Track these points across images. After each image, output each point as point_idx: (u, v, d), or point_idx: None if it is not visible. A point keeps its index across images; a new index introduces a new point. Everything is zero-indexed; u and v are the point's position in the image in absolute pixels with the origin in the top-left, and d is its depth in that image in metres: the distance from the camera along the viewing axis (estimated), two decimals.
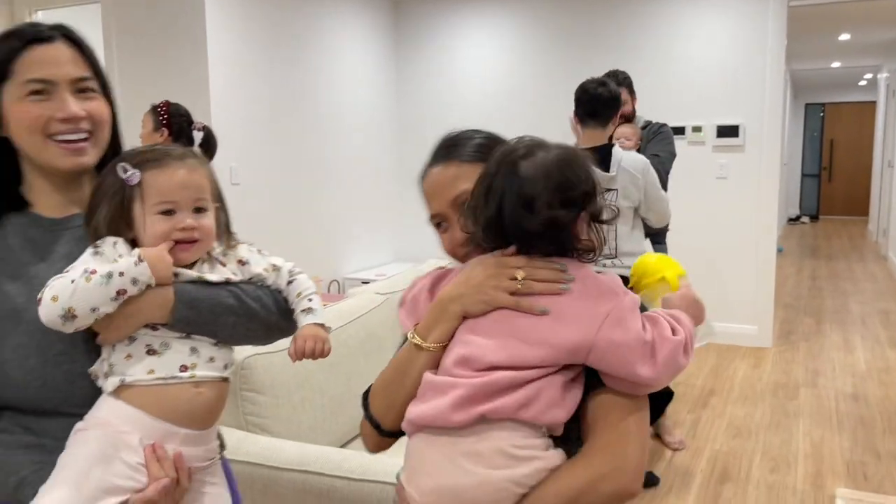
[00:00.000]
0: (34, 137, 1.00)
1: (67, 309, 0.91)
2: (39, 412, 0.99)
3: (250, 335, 1.07)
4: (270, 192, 4.77)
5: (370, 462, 1.68)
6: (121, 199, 0.99)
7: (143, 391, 0.96)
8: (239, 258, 1.09)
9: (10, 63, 0.99)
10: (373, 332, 2.49)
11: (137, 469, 0.95)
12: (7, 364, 0.97)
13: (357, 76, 5.62)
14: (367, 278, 5.40)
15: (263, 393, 1.95)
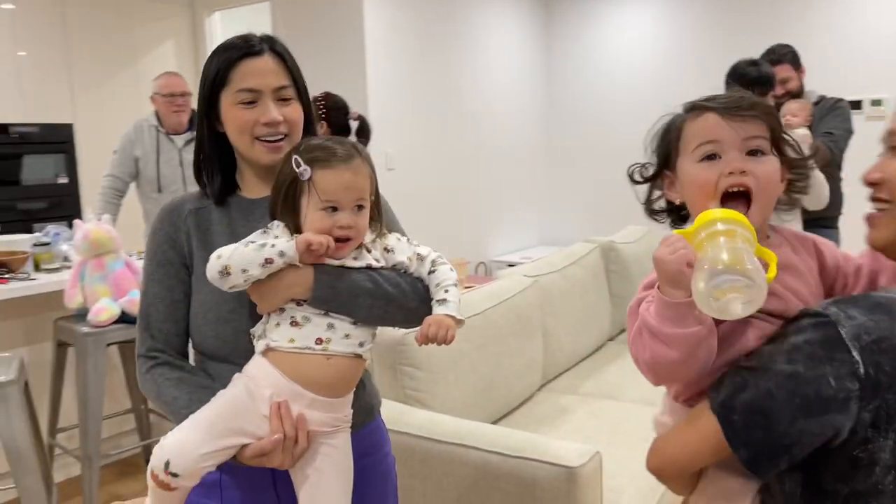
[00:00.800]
0: (244, 137, 1.18)
1: (225, 266, 1.07)
2: (215, 358, 1.19)
3: (387, 318, 1.16)
4: (423, 177, 4.93)
5: (523, 440, 1.73)
6: (293, 189, 1.11)
7: (283, 356, 1.10)
8: (385, 246, 1.19)
9: (228, 72, 1.17)
10: (521, 314, 2.53)
11: (264, 419, 1.08)
12: (196, 315, 1.19)
13: (508, 62, 5.64)
14: (513, 261, 5.44)
15: (421, 368, 2.05)
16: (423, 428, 1.84)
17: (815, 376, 0.71)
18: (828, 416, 0.71)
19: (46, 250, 2.81)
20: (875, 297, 0.75)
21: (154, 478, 1.07)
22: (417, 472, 1.84)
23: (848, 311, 0.72)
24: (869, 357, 0.69)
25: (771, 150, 0.96)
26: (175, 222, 1.22)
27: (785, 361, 0.73)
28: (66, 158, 4.98)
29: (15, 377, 2.01)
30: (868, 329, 0.70)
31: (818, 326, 0.72)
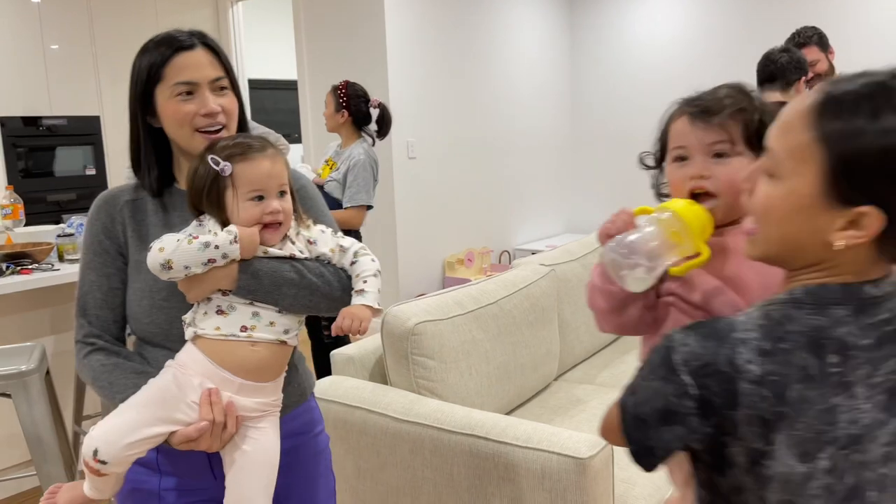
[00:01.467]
0: (183, 130, 1.20)
1: (167, 260, 1.11)
2: (151, 343, 1.23)
3: (312, 306, 1.21)
4: (445, 166, 4.91)
5: (534, 430, 1.71)
6: (215, 187, 1.16)
7: (211, 342, 1.15)
8: (308, 238, 1.23)
9: (163, 68, 1.19)
10: (536, 303, 2.50)
11: (191, 407, 1.12)
12: (131, 302, 1.23)
13: (531, 50, 5.58)
14: (537, 249, 5.41)
15: (433, 358, 2.04)
16: (434, 418, 1.83)
17: (663, 393, 0.83)
18: (675, 427, 0.83)
19: (70, 241, 2.86)
20: (719, 323, 0.84)
21: (86, 465, 1.13)
22: (429, 462, 1.83)
23: (686, 339, 0.83)
24: (699, 380, 0.80)
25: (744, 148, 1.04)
26: (111, 213, 1.25)
27: (650, 376, 0.86)
28: (94, 150, 5.07)
29: (36, 366, 2.05)
30: (697, 355, 0.81)
31: (662, 349, 0.84)
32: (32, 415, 2.02)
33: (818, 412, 0.79)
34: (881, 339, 0.81)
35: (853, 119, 0.77)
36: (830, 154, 0.78)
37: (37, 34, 4.76)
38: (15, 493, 2.86)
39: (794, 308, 0.81)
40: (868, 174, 0.77)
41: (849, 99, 0.79)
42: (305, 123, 4.90)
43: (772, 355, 0.79)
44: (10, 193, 3.23)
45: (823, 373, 0.79)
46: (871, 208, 0.77)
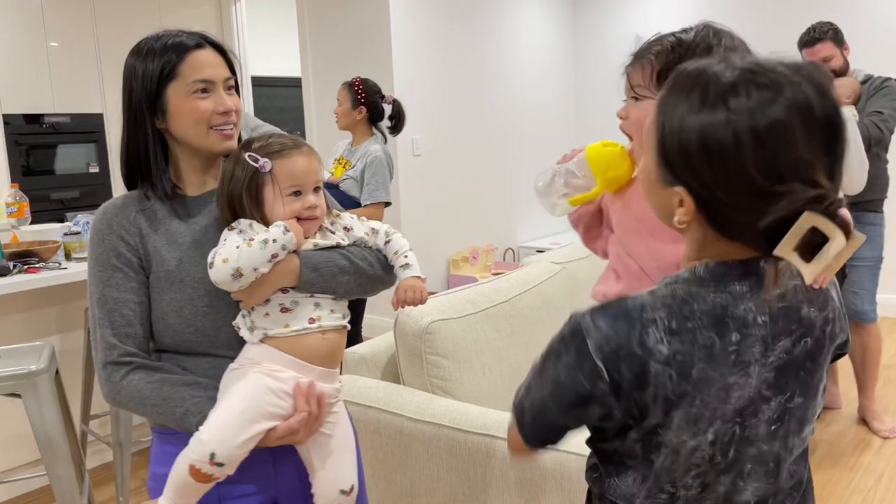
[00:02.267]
0: (200, 128, 1.19)
1: (236, 269, 1.11)
2: (192, 353, 1.20)
3: (360, 289, 1.26)
4: (449, 163, 4.89)
5: None
6: (254, 184, 1.17)
7: (282, 340, 1.17)
8: (344, 226, 1.28)
9: (178, 66, 1.18)
10: (549, 301, 2.49)
11: (285, 400, 1.15)
12: (166, 315, 1.18)
13: (536, 46, 5.56)
14: (542, 247, 5.39)
15: (446, 357, 2.02)
16: (450, 418, 1.81)
17: (572, 382, 0.83)
18: (589, 407, 0.84)
19: (77, 239, 2.84)
20: (627, 303, 0.83)
21: (196, 472, 1.10)
22: (444, 463, 1.82)
23: (596, 322, 0.82)
24: (611, 364, 0.80)
25: (656, 90, 1.12)
26: (125, 224, 1.21)
27: (552, 367, 0.85)
28: (97, 148, 5.05)
29: (46, 365, 2.03)
30: (608, 339, 0.81)
31: (574, 335, 0.83)
32: (42, 415, 2.00)
33: (716, 390, 0.81)
34: (774, 317, 0.83)
35: (670, 102, 0.81)
36: (657, 135, 0.82)
37: (39, 31, 4.73)
38: (23, 492, 2.85)
39: (698, 286, 0.82)
40: (674, 156, 0.80)
41: (676, 83, 0.82)
42: (310, 121, 4.87)
43: (678, 334, 0.80)
44: (15, 192, 3.21)
45: (725, 351, 0.81)
46: (681, 188, 0.80)
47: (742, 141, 0.75)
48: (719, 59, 0.80)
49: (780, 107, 0.74)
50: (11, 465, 2.81)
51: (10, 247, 2.75)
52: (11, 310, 2.76)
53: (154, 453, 1.25)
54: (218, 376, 1.19)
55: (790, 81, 0.75)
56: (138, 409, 1.17)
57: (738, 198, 0.77)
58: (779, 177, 0.74)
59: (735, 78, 0.76)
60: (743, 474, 0.85)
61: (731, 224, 0.79)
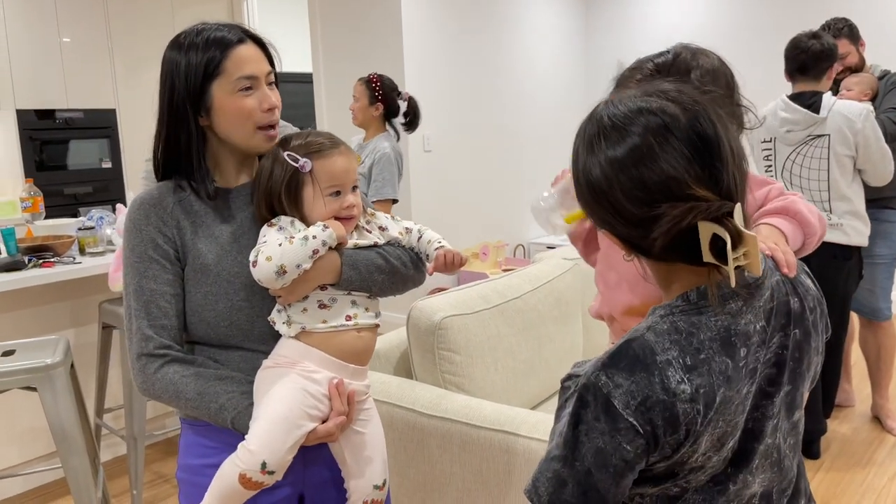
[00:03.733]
0: (245, 127, 1.18)
1: (280, 266, 1.12)
2: (225, 346, 1.21)
3: (393, 288, 1.28)
4: (460, 159, 4.89)
5: None
6: (293, 183, 1.18)
7: (319, 336, 1.18)
8: (380, 225, 1.30)
9: (222, 63, 1.16)
10: (561, 297, 2.48)
11: (321, 400, 1.17)
12: (200, 308, 1.18)
13: (547, 43, 5.54)
14: (552, 243, 5.38)
15: (459, 353, 2.02)
16: (463, 413, 1.81)
17: (613, 447, 0.80)
18: (635, 468, 0.81)
19: (91, 234, 2.86)
20: (634, 349, 0.81)
21: (246, 482, 1.11)
22: (457, 459, 1.82)
23: (613, 379, 0.79)
24: (642, 417, 0.79)
25: None
26: (162, 216, 1.19)
27: (586, 439, 0.81)
28: (110, 143, 5.07)
29: (61, 359, 2.05)
30: (632, 393, 0.79)
31: (597, 399, 0.80)
32: (58, 408, 2.02)
33: (735, 406, 0.82)
34: (767, 318, 0.86)
35: (575, 149, 0.88)
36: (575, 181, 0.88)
37: (52, 27, 4.76)
38: (38, 485, 2.88)
39: (697, 314, 0.83)
40: (584, 200, 0.86)
41: (578, 132, 0.89)
42: (321, 116, 4.88)
43: (696, 369, 0.80)
44: (29, 186, 3.23)
45: (738, 369, 0.82)
46: (604, 230, 0.86)
47: (609, 176, 0.80)
48: (607, 100, 0.85)
49: (634, 135, 0.80)
50: (26, 457, 2.84)
51: (25, 241, 2.77)
52: (27, 304, 2.78)
53: (184, 444, 1.26)
54: (249, 370, 1.19)
55: (648, 108, 0.80)
56: (172, 402, 1.18)
57: (631, 228, 0.81)
58: (650, 201, 0.78)
59: (604, 117, 0.83)
60: (752, 469, 0.87)
61: (651, 250, 0.82)
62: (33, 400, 2.78)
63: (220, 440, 1.20)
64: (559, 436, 0.83)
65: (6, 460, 2.77)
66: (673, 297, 0.85)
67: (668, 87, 0.83)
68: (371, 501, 1.28)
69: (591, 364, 0.83)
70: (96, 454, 2.42)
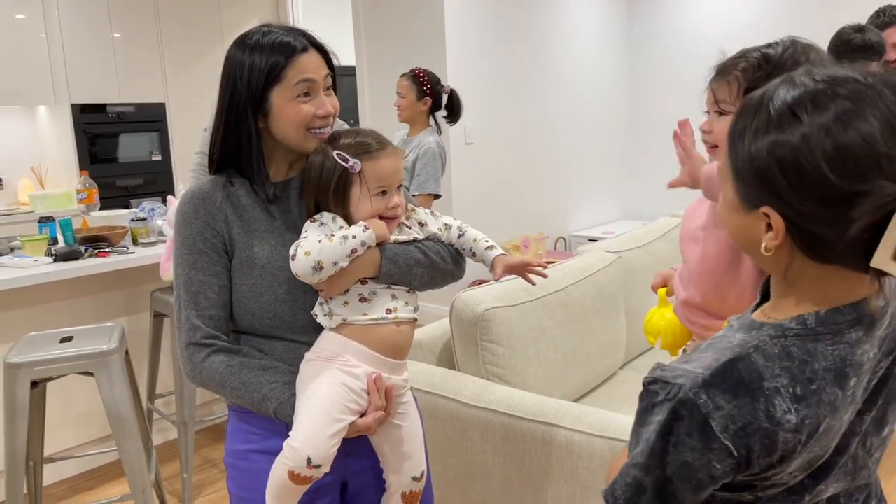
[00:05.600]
0: (300, 131, 1.23)
1: (317, 262, 1.15)
2: (269, 336, 1.24)
3: (432, 282, 1.31)
4: (501, 151, 4.88)
5: (610, 419, 1.70)
6: (342, 182, 1.20)
7: (359, 328, 1.21)
8: (419, 221, 1.32)
9: (284, 70, 1.20)
10: (604, 290, 2.48)
11: (360, 395, 1.20)
12: (246, 299, 1.23)
13: (588, 33, 5.49)
14: (594, 236, 5.35)
15: (501, 344, 2.04)
16: (506, 404, 1.83)
17: (702, 464, 0.78)
18: (719, 483, 0.80)
19: (143, 225, 2.94)
20: (740, 370, 0.77)
21: (296, 478, 1.15)
22: (500, 449, 1.83)
23: (715, 400, 0.76)
24: (740, 442, 0.76)
25: None
26: (211, 210, 1.23)
27: (674, 452, 0.79)
28: (160, 136, 5.20)
29: (117, 346, 2.12)
30: (733, 418, 0.76)
31: (693, 417, 0.77)
32: (114, 393, 2.10)
33: (834, 433, 0.80)
34: (879, 345, 0.82)
35: (738, 128, 0.80)
36: (731, 162, 0.80)
37: (105, 23, 4.89)
38: (92, 467, 2.98)
39: (814, 341, 0.78)
40: (750, 178, 0.78)
41: (742, 110, 0.80)
42: (363, 109, 4.92)
43: (804, 399, 0.77)
44: (84, 178, 3.34)
45: (845, 398, 0.79)
46: (766, 208, 0.77)
47: (811, 144, 0.73)
48: (782, 79, 0.79)
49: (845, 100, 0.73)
50: (81, 440, 2.94)
51: (81, 232, 2.86)
52: (83, 292, 2.88)
53: (230, 430, 1.31)
54: (293, 360, 1.23)
55: (855, 78, 0.74)
56: (218, 390, 1.22)
57: (822, 207, 0.73)
58: (860, 175, 0.71)
59: (801, 93, 0.76)
60: (830, 480, 0.85)
61: (819, 242, 0.76)
62: (88, 385, 2.88)
63: (264, 427, 1.24)
64: (644, 443, 0.80)
65: (62, 443, 2.88)
66: (780, 310, 0.82)
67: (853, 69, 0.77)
68: (409, 493, 1.31)
69: (685, 375, 0.78)
70: (149, 438, 2.50)
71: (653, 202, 5.95)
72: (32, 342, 2.17)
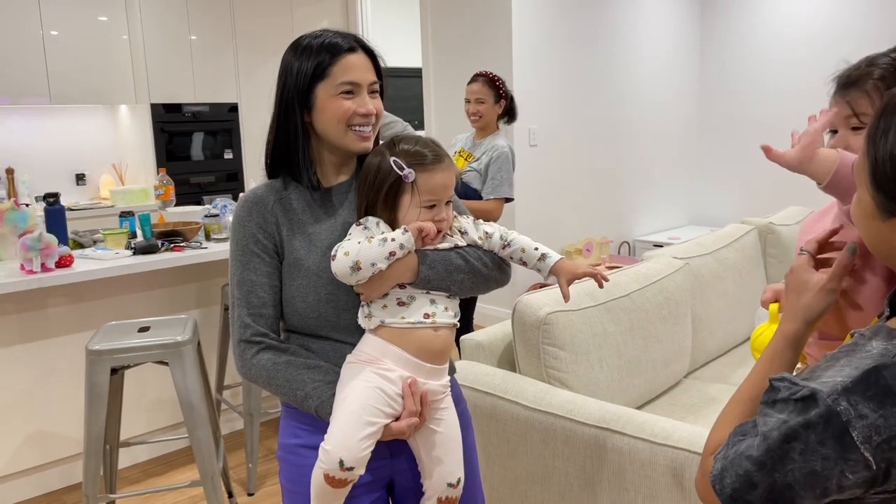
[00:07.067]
0: (340, 126, 1.27)
1: (356, 262, 1.19)
2: (315, 336, 1.28)
3: (475, 288, 1.31)
4: (565, 153, 4.84)
5: (673, 428, 1.67)
6: (394, 189, 1.24)
7: (397, 331, 1.23)
8: (460, 229, 1.32)
9: (330, 67, 1.25)
10: (670, 297, 2.43)
11: (395, 399, 1.21)
12: (293, 299, 1.27)
13: (657, 33, 5.40)
14: (659, 241, 5.26)
15: (564, 349, 2.03)
16: (567, 409, 1.82)
17: (832, 474, 0.74)
18: (846, 492, 0.75)
19: (215, 221, 3.05)
20: (886, 377, 0.72)
21: (331, 480, 1.18)
22: (560, 453, 1.83)
23: (858, 408, 0.72)
24: (880, 455, 0.72)
25: None
26: (263, 213, 1.28)
27: (800, 460, 0.74)
28: (232, 135, 5.37)
29: (190, 337, 2.21)
30: (878, 428, 0.71)
31: (830, 425, 0.73)
32: (186, 382, 2.18)
33: None
34: None
35: (879, 130, 0.76)
36: (870, 165, 0.76)
37: (183, 26, 5.08)
38: (163, 453, 3.11)
39: None
40: (890, 184, 0.74)
41: (884, 111, 0.76)
42: (429, 111, 4.96)
43: None
44: (162, 176, 3.48)
45: None
46: None
47: None
48: None
49: None
50: (153, 427, 3.07)
51: (158, 227, 2.99)
52: (158, 284, 3.00)
53: (282, 425, 1.36)
54: (337, 359, 1.26)
55: None
56: (265, 386, 1.27)
57: None
58: None
59: None
60: None
61: None
62: (161, 373, 3.00)
63: (311, 422, 1.28)
64: (763, 438, 0.77)
65: (136, 428, 3.01)
66: None
67: None
68: (445, 499, 1.31)
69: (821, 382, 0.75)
70: (217, 427, 2.59)
71: (721, 208, 5.80)
72: (112, 331, 2.28)
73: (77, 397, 2.83)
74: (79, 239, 2.93)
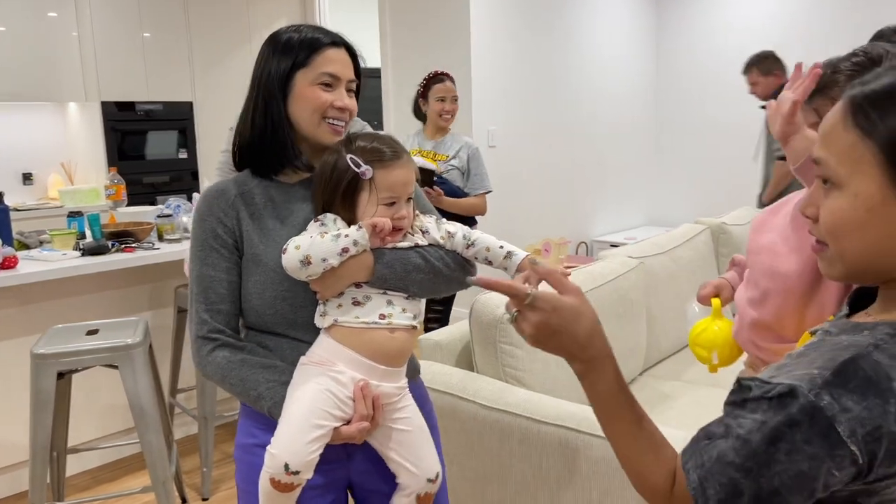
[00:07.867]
0: (315, 116, 1.26)
1: (306, 256, 1.16)
2: (272, 333, 1.26)
3: (435, 288, 1.29)
4: (524, 155, 4.88)
5: None
6: (351, 187, 1.22)
7: (350, 331, 1.20)
8: (422, 228, 1.30)
9: (312, 55, 1.25)
10: (625, 296, 2.47)
11: (345, 402, 1.19)
12: (251, 295, 1.24)
13: (614, 35, 5.47)
14: (616, 241, 5.33)
15: (521, 347, 2.03)
16: (524, 407, 1.83)
17: (819, 473, 0.72)
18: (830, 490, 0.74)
19: (168, 221, 2.99)
20: (864, 369, 0.72)
21: (276, 484, 1.15)
22: (517, 452, 1.84)
23: (841, 402, 0.70)
24: (866, 447, 0.71)
25: None
26: (224, 208, 1.26)
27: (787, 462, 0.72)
28: (186, 135, 5.27)
29: (141, 339, 2.16)
30: (862, 421, 0.70)
31: (815, 422, 0.70)
32: (137, 386, 2.13)
33: None
34: None
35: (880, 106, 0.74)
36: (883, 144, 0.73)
37: (135, 23, 4.96)
38: (115, 458, 3.03)
39: None
40: None
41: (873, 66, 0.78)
42: (388, 111, 4.94)
43: None
44: (113, 175, 3.39)
45: None
46: None
47: None
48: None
49: None
50: (104, 432, 2.99)
51: (108, 227, 2.91)
52: (109, 286, 2.93)
53: (239, 424, 1.33)
54: (294, 358, 1.24)
55: None
56: (220, 384, 1.25)
57: None
58: None
59: None
60: None
61: None
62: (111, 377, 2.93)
63: (266, 423, 1.25)
64: (742, 441, 0.74)
65: (87, 434, 2.93)
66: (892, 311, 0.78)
67: None
68: (424, 494, 1.30)
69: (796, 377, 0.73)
70: (170, 431, 2.53)
71: (677, 209, 5.91)
72: (59, 334, 2.21)
73: (22, 403, 2.74)
74: (24, 240, 2.84)
